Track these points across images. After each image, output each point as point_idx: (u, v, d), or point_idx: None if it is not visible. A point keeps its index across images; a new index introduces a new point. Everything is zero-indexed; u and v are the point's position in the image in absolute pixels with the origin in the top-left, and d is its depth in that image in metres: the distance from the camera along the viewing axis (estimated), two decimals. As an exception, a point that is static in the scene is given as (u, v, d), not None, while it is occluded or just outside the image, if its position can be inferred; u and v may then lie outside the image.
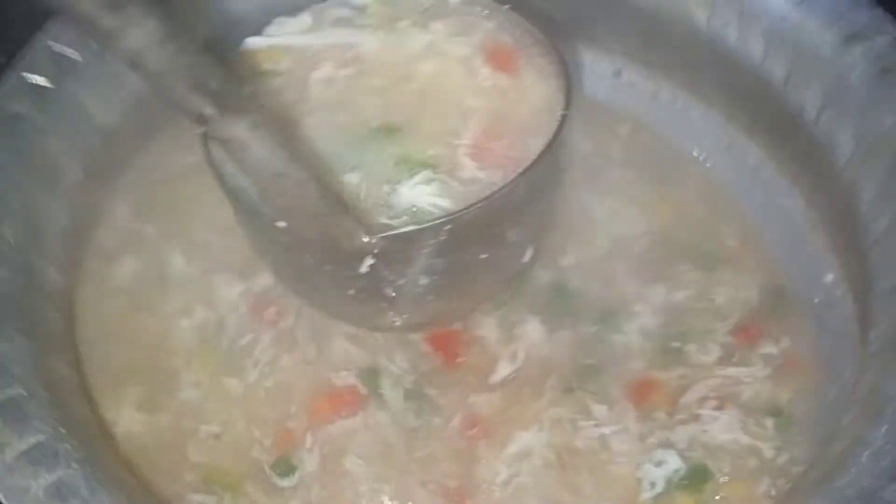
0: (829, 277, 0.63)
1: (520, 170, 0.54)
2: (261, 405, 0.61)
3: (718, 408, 0.60)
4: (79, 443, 0.50)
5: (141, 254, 0.66)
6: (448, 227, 0.52)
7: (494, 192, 0.53)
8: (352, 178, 0.56)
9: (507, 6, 0.61)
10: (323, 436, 0.60)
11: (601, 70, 0.74)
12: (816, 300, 0.64)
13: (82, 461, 0.48)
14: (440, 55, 0.60)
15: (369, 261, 0.53)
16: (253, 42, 0.61)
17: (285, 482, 0.58)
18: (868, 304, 0.56)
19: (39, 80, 0.60)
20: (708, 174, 0.71)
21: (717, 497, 0.58)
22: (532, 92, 0.58)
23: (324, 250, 0.54)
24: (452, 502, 0.58)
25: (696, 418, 0.60)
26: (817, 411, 0.60)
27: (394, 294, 0.55)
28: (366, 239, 0.52)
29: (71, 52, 0.62)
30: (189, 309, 0.64)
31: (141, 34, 0.41)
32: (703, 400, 0.61)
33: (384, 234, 0.52)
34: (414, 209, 0.55)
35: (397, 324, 0.59)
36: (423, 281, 0.55)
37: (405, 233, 0.53)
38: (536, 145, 0.55)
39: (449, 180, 0.55)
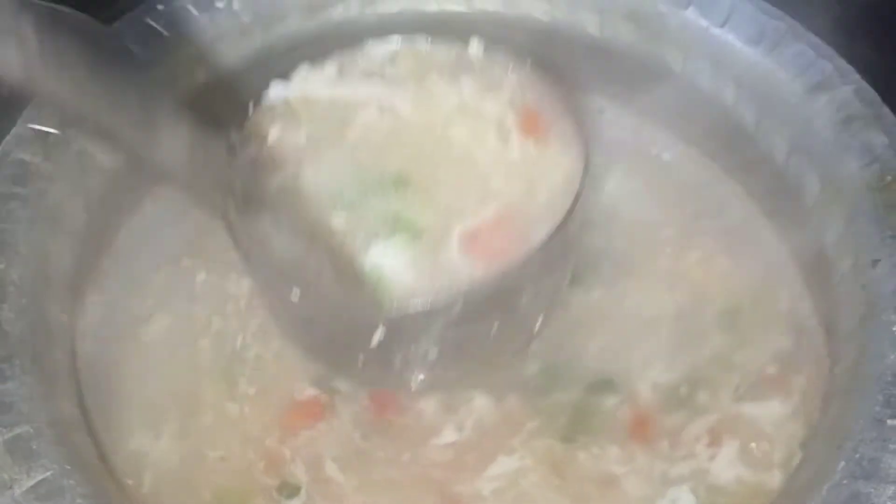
0: (804, 312, 0.65)
1: (506, 264, 0.53)
2: (246, 420, 0.61)
3: (725, 444, 0.60)
4: (83, 478, 0.51)
5: (141, 292, 0.67)
6: (463, 300, 0.52)
7: (511, 264, 0.53)
8: (338, 219, 0.55)
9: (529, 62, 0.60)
10: (296, 445, 0.60)
11: (584, 108, 0.75)
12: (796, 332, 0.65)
13: (87, 496, 0.50)
14: (473, 116, 0.60)
15: (380, 335, 0.53)
16: (280, 88, 0.60)
17: (294, 502, 0.59)
18: (833, 342, 0.59)
19: (45, 128, 0.61)
20: (686, 206, 0.72)
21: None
22: (555, 165, 0.58)
23: (335, 322, 0.55)
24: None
25: (702, 455, 0.59)
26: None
27: (402, 363, 0.57)
28: (378, 316, 0.52)
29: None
30: (195, 333, 0.65)
31: (171, 146, 0.40)
32: (707, 436, 0.60)
33: (398, 312, 0.53)
34: (376, 273, 0.54)
35: (405, 385, 0.60)
36: (433, 351, 0.56)
37: (420, 310, 0.52)
38: (539, 237, 0.54)
39: (425, 255, 0.55)
